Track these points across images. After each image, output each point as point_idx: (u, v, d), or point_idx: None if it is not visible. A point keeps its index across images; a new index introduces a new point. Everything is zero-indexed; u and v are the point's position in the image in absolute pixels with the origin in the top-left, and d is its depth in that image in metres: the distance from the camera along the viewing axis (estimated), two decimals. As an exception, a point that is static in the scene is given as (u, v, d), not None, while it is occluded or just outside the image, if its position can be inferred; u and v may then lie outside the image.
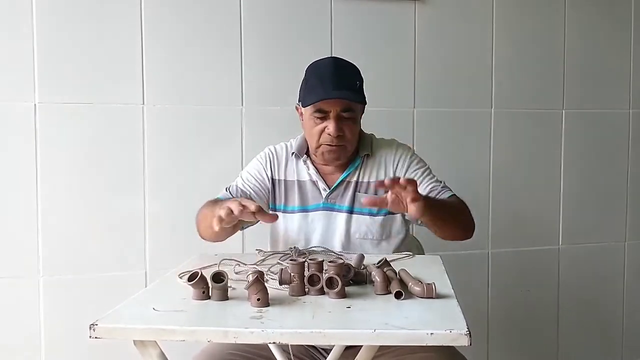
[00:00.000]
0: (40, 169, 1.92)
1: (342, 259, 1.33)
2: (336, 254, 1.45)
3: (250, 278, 1.03)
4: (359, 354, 1.00)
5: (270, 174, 1.58)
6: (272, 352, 1.28)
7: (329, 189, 1.54)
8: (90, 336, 0.93)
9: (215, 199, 1.54)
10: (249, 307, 1.01)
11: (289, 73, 2.03)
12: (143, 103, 1.99)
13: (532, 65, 2.32)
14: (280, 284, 1.13)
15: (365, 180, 1.55)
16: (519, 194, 2.34)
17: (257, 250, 1.48)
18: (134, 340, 0.97)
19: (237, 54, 2.05)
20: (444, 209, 1.42)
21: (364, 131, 1.61)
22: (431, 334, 0.88)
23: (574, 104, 2.37)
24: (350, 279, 1.16)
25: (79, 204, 1.96)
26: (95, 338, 0.92)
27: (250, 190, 1.56)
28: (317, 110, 1.46)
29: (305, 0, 2.10)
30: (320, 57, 1.56)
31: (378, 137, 1.64)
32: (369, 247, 1.52)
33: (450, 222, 1.45)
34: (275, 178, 1.58)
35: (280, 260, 1.35)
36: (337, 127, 1.46)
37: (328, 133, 1.47)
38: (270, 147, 1.63)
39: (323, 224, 1.53)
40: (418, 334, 0.89)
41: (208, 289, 1.07)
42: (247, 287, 1.03)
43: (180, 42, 2.01)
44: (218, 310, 1.03)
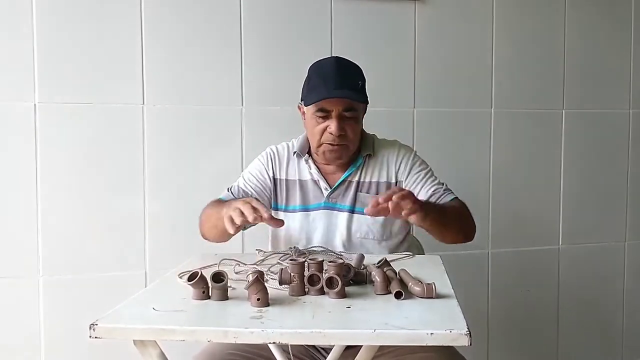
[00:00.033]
0: (40, 169, 1.92)
1: (342, 259, 1.33)
2: (336, 254, 1.45)
3: (250, 278, 1.03)
4: (359, 354, 1.00)
5: (272, 174, 1.58)
6: (272, 352, 1.28)
7: (331, 188, 1.54)
8: (90, 336, 0.93)
9: (218, 200, 1.54)
10: (249, 307, 1.01)
11: (289, 73, 2.04)
12: (143, 103, 1.99)
13: (532, 65, 2.32)
14: (280, 284, 1.13)
15: (367, 180, 1.55)
16: (519, 194, 2.34)
17: (257, 250, 1.48)
18: (134, 340, 0.97)
19: (237, 54, 2.05)
20: (444, 215, 1.42)
21: (366, 131, 1.61)
22: (431, 334, 0.88)
23: (574, 104, 2.37)
24: (350, 279, 1.16)
25: (79, 204, 1.96)
26: (95, 338, 0.92)
27: (252, 191, 1.56)
28: (319, 110, 1.47)
29: (305, 0, 2.10)
30: (320, 57, 1.56)
31: (379, 137, 1.64)
32: (370, 246, 1.52)
33: (451, 227, 1.45)
34: (276, 177, 1.58)
35: (280, 260, 1.35)
36: (339, 126, 1.46)
37: (330, 132, 1.47)
38: (271, 147, 1.63)
39: (324, 224, 1.53)
40: (418, 334, 0.89)
41: (208, 288, 1.07)
42: (247, 287, 1.03)
43: (180, 42, 2.01)
44: (218, 310, 1.03)
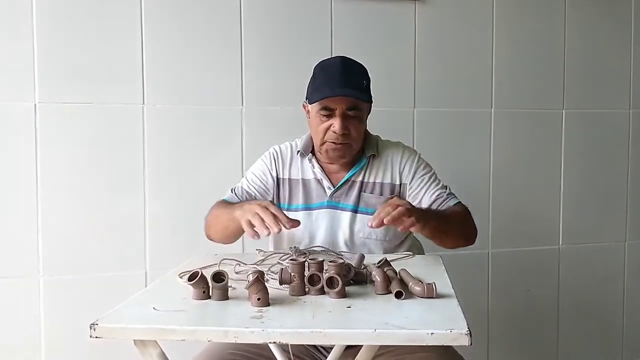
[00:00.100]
0: (40, 169, 1.92)
1: (343, 259, 1.33)
2: (336, 253, 1.45)
3: (251, 278, 1.03)
4: (359, 353, 1.00)
5: (275, 174, 1.58)
6: (273, 352, 1.28)
7: (334, 187, 1.54)
8: (90, 336, 0.93)
9: (223, 201, 1.55)
10: (249, 306, 1.01)
11: (289, 73, 2.04)
12: (143, 103, 1.99)
13: (532, 65, 2.32)
14: (281, 283, 1.13)
15: (371, 180, 1.55)
16: (519, 194, 2.34)
17: (257, 250, 1.48)
18: (134, 340, 0.97)
19: (237, 54, 2.05)
20: (445, 222, 1.42)
21: (370, 132, 1.61)
22: (431, 333, 0.88)
23: (574, 104, 2.37)
24: (351, 279, 1.16)
25: (79, 204, 1.96)
26: (96, 338, 0.92)
27: (255, 192, 1.57)
28: (323, 108, 1.47)
29: (305, 0, 2.10)
30: (320, 57, 1.57)
31: (382, 138, 1.64)
32: (372, 246, 1.52)
33: (451, 233, 1.46)
34: (280, 177, 1.59)
35: (281, 260, 1.35)
36: (342, 124, 1.46)
37: (333, 131, 1.47)
38: (275, 147, 1.63)
39: (327, 222, 1.53)
40: (418, 333, 0.89)
41: (208, 288, 1.07)
42: (248, 287, 1.03)
43: (180, 42, 2.01)
44: (218, 310, 1.03)
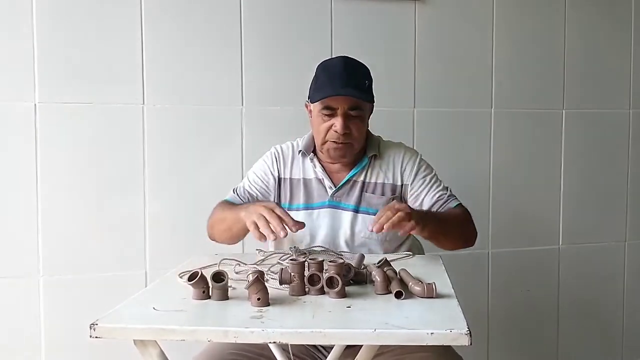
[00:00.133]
0: (40, 169, 1.92)
1: (343, 259, 1.33)
2: (336, 253, 1.45)
3: (251, 278, 1.03)
4: (359, 353, 1.00)
5: (276, 174, 1.58)
6: (273, 351, 1.28)
7: (335, 187, 1.54)
8: (90, 336, 0.92)
9: (225, 201, 1.55)
10: (249, 306, 1.01)
11: (289, 73, 2.04)
12: (143, 103, 1.99)
13: (532, 65, 2.32)
14: (281, 283, 1.13)
15: (373, 180, 1.55)
16: (519, 194, 2.34)
17: (257, 250, 1.48)
18: (134, 340, 0.97)
19: (237, 54, 2.05)
20: (444, 224, 1.43)
21: (372, 133, 1.61)
22: (431, 333, 0.88)
23: (574, 104, 2.36)
24: (351, 279, 1.16)
25: (79, 204, 1.96)
26: (96, 338, 0.92)
27: (257, 193, 1.57)
28: (325, 107, 1.47)
29: (305, 0, 2.10)
30: (320, 57, 1.57)
31: (384, 139, 1.64)
32: (373, 246, 1.52)
33: (450, 235, 1.47)
34: (281, 177, 1.59)
35: (280, 260, 1.35)
36: (344, 124, 1.46)
37: (335, 130, 1.47)
38: (276, 147, 1.63)
39: (328, 222, 1.53)
40: (418, 333, 0.89)
41: (208, 288, 1.07)
42: (248, 287, 1.03)
43: (180, 42, 2.01)
44: (218, 310, 1.03)
